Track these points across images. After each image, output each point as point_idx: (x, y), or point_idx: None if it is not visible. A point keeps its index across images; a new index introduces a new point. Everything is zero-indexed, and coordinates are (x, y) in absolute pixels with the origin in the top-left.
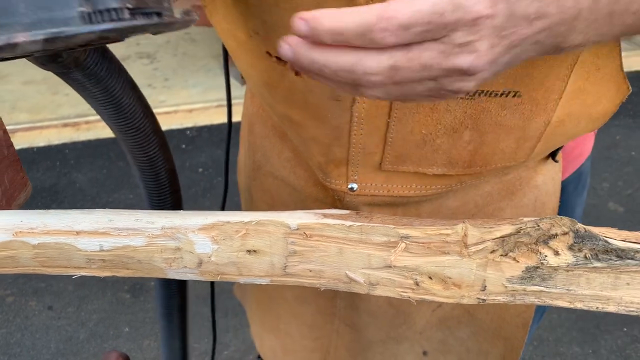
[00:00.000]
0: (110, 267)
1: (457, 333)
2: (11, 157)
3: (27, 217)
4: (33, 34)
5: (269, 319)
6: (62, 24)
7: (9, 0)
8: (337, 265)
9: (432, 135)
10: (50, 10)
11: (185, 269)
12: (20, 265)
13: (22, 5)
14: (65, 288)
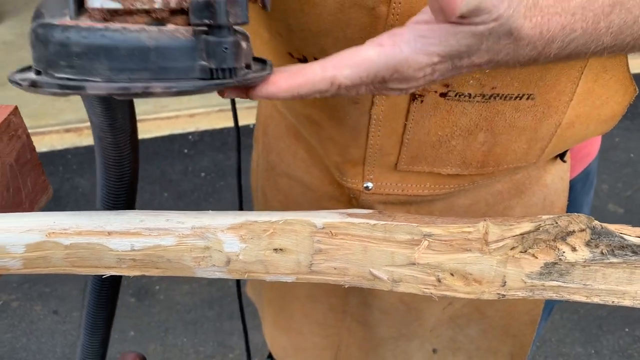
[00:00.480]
0: (140, 267)
1: (466, 330)
2: (34, 161)
3: (59, 218)
4: (168, 87)
5: (282, 317)
6: (184, 74)
7: (142, 49)
8: (361, 263)
9: (448, 137)
10: (175, 60)
11: (213, 268)
12: (51, 265)
13: (153, 54)
14: (70, 293)
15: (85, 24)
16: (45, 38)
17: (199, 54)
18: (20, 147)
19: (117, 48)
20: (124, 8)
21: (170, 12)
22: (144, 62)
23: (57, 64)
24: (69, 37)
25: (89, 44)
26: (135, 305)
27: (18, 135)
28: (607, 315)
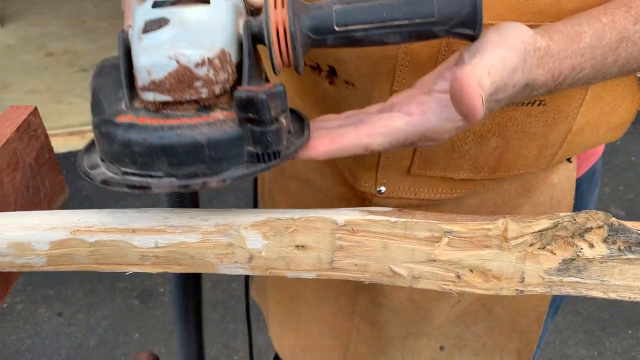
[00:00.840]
0: (163, 264)
1: (473, 328)
2: (52, 161)
3: (84, 216)
4: (222, 179)
5: (289, 318)
6: (234, 161)
7: (196, 146)
8: (381, 260)
9: (461, 142)
10: (225, 150)
11: (236, 264)
12: (75, 262)
13: (206, 149)
14: (74, 295)
15: (144, 121)
16: (109, 137)
17: (246, 142)
18: (39, 147)
19: (174, 147)
20: (174, 100)
21: (216, 97)
22: (199, 156)
23: (122, 160)
24: (131, 139)
25: (149, 144)
26: (139, 308)
27: (37, 136)
28: (609, 318)
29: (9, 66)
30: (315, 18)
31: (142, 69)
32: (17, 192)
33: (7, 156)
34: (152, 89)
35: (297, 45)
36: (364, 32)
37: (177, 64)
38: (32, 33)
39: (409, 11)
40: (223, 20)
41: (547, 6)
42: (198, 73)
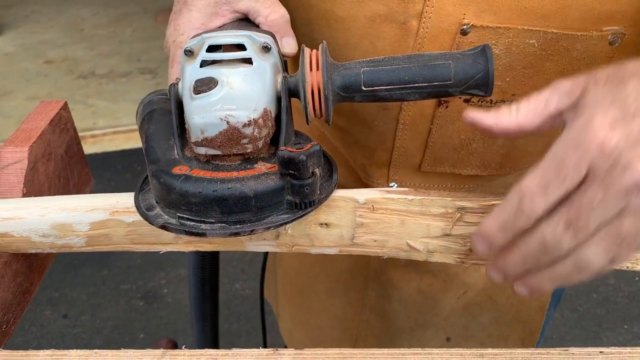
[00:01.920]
0: (195, 242)
1: (479, 319)
2: (80, 154)
3: (122, 198)
4: (266, 226)
5: (300, 313)
6: (275, 209)
7: (244, 198)
8: (399, 235)
9: (469, 140)
10: (269, 200)
11: (264, 241)
12: (112, 243)
13: (253, 200)
14: (79, 297)
15: (198, 174)
16: (166, 187)
17: (286, 192)
18: (69, 140)
19: (225, 199)
20: (223, 154)
21: (259, 149)
22: (246, 206)
23: (178, 207)
24: (188, 191)
25: (205, 196)
26: (144, 309)
27: (67, 129)
28: (606, 313)
29: (9, 73)
30: (345, 78)
31: (196, 128)
32: (50, 182)
33: (42, 147)
34: (204, 144)
35: (329, 103)
36: (388, 91)
37: (227, 125)
38: (31, 41)
39: (428, 75)
40: (265, 80)
41: (553, 11)
42: (245, 132)
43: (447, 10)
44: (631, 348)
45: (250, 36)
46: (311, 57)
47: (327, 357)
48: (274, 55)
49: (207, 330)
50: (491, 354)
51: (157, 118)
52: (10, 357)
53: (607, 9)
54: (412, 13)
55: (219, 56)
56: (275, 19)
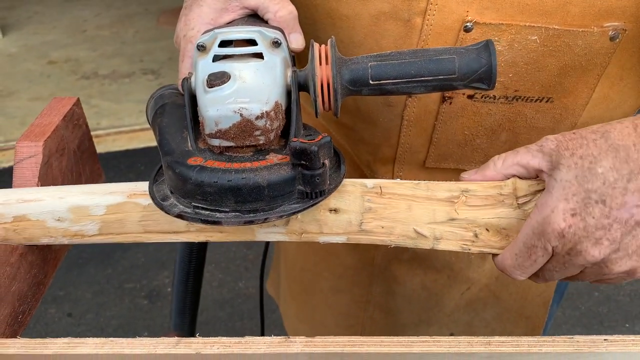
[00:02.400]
0: (207, 232)
1: (482, 315)
2: (91, 149)
3: (140, 184)
4: (279, 215)
5: (305, 310)
6: (287, 198)
7: (258, 188)
8: (406, 221)
9: (473, 136)
10: (281, 190)
11: (274, 229)
12: (125, 231)
13: (266, 190)
14: (83, 295)
15: (212, 164)
16: (182, 177)
17: (297, 182)
18: (81, 135)
19: (240, 189)
20: (237, 145)
21: (270, 141)
22: (260, 196)
23: (193, 196)
24: (203, 181)
25: (220, 186)
26: (147, 307)
27: (80, 125)
28: (607, 312)
29: (12, 74)
30: (353, 72)
31: (211, 120)
32: (63, 176)
33: (56, 142)
34: (218, 136)
35: (338, 97)
36: (394, 85)
37: (240, 117)
38: (34, 42)
39: (433, 69)
40: (276, 74)
41: (555, 8)
42: (258, 124)
43: (450, 8)
44: (634, 336)
45: (261, 32)
46: (320, 51)
47: (337, 344)
48: (283, 50)
49: (185, 323)
50: (498, 342)
51: (170, 111)
52: (28, 345)
53: (607, 4)
54: (415, 10)
55: (231, 51)
56: (284, 15)
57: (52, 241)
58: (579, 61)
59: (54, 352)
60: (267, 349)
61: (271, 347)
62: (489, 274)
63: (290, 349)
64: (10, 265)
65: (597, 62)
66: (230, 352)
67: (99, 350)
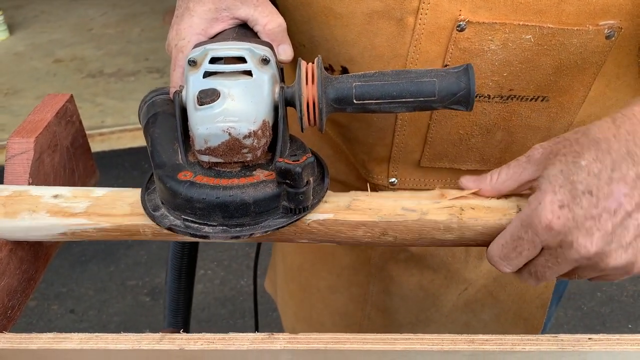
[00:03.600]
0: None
1: (480, 316)
2: (85, 146)
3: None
4: (264, 231)
5: (302, 309)
6: (272, 214)
7: (244, 204)
8: (394, 205)
9: (468, 135)
10: (266, 206)
11: None
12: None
13: (252, 206)
14: (86, 292)
15: (201, 180)
16: (172, 191)
17: (282, 199)
18: (75, 132)
19: (227, 205)
20: (225, 161)
21: (257, 157)
22: (246, 211)
23: (183, 210)
24: (192, 197)
25: (208, 202)
26: (150, 304)
27: (73, 121)
28: (610, 313)
29: (19, 72)
30: (338, 91)
31: (200, 138)
32: (55, 172)
33: (48, 138)
34: (207, 153)
35: (323, 115)
36: (377, 105)
37: (229, 136)
38: (41, 40)
39: (414, 91)
40: (264, 92)
41: (549, 6)
42: (245, 143)
43: (443, 7)
44: (619, 335)
45: (251, 49)
46: (307, 70)
47: (320, 341)
48: (272, 67)
49: (179, 322)
50: (481, 340)
51: (161, 121)
52: (14, 340)
53: (602, 3)
54: (408, 9)
55: (221, 68)
56: (273, 28)
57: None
58: (574, 60)
59: (39, 346)
60: (250, 346)
61: (254, 343)
62: (486, 275)
63: (273, 346)
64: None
65: (592, 60)
66: (213, 348)
67: (84, 345)
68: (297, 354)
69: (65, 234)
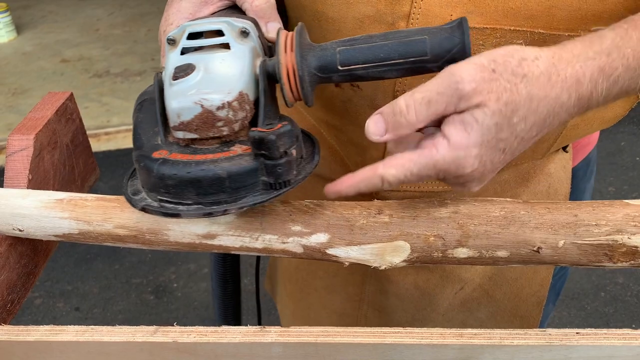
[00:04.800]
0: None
1: (476, 314)
2: (85, 143)
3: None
4: (240, 207)
5: (300, 309)
6: (250, 190)
7: (219, 179)
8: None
9: None
10: (243, 181)
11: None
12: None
13: (227, 181)
14: (90, 290)
15: (175, 157)
16: (146, 170)
17: (260, 173)
18: (75, 130)
19: (200, 181)
20: (200, 137)
21: (235, 133)
22: (221, 187)
23: (158, 190)
24: (164, 174)
25: (180, 178)
26: (154, 302)
27: (73, 119)
28: (614, 312)
29: (27, 72)
30: (321, 59)
31: (173, 113)
32: (55, 169)
33: (48, 135)
34: (181, 128)
35: (305, 84)
36: (365, 70)
37: (201, 108)
38: (48, 40)
39: (403, 51)
40: (241, 65)
41: (540, 12)
42: (219, 115)
43: (434, 12)
44: (607, 330)
45: (229, 22)
46: (286, 39)
47: (311, 334)
48: (252, 39)
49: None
50: (470, 334)
51: (146, 107)
52: (12, 332)
53: (593, 8)
54: (399, 14)
55: (198, 43)
56: (260, 4)
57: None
58: None
59: (36, 338)
60: (242, 338)
61: (246, 336)
62: (482, 274)
63: (264, 339)
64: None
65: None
66: (206, 340)
67: (80, 337)
68: (288, 346)
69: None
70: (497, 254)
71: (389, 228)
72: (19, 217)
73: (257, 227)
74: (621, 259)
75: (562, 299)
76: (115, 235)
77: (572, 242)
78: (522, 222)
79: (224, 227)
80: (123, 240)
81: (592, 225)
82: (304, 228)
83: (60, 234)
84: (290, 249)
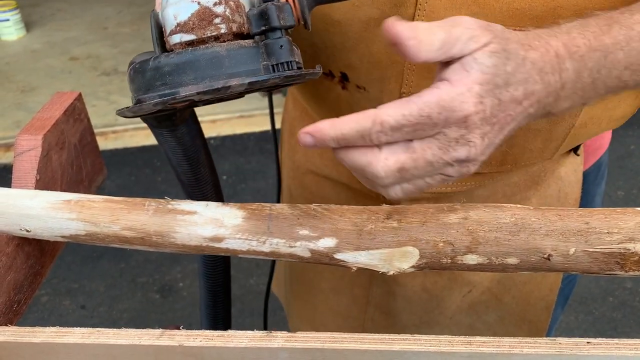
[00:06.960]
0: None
1: (484, 318)
2: (93, 143)
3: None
4: (241, 82)
5: (306, 310)
6: (251, 74)
7: (218, 57)
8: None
9: None
10: (244, 63)
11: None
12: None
13: (226, 61)
14: (97, 288)
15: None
16: (142, 69)
17: (261, 56)
18: (83, 130)
19: (198, 60)
20: (198, 38)
21: (233, 35)
22: (221, 68)
23: (154, 85)
24: (160, 62)
25: (177, 62)
26: (159, 302)
27: (81, 119)
28: (622, 318)
29: (35, 70)
30: None
31: (170, 16)
32: (63, 169)
33: (56, 136)
34: (178, 31)
35: (304, 4)
36: None
37: (198, 5)
38: (57, 38)
39: None
40: None
41: (545, 12)
42: (216, 11)
43: (438, 15)
44: (618, 339)
45: None
46: None
47: (318, 340)
48: None
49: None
50: (479, 342)
51: (141, 55)
52: (18, 333)
53: (599, 8)
54: (404, 17)
55: None
56: None
57: None
58: None
59: (42, 340)
60: (249, 343)
61: (253, 341)
62: (490, 277)
63: (271, 344)
64: (6, 255)
65: None
66: (212, 345)
67: (86, 340)
68: (295, 352)
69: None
70: (506, 261)
71: (398, 233)
72: (26, 217)
73: (264, 230)
74: (633, 268)
75: (569, 303)
76: (122, 237)
77: (584, 250)
78: (533, 229)
79: (231, 230)
80: (130, 242)
81: (604, 233)
82: (311, 232)
83: (67, 235)
84: (298, 253)
